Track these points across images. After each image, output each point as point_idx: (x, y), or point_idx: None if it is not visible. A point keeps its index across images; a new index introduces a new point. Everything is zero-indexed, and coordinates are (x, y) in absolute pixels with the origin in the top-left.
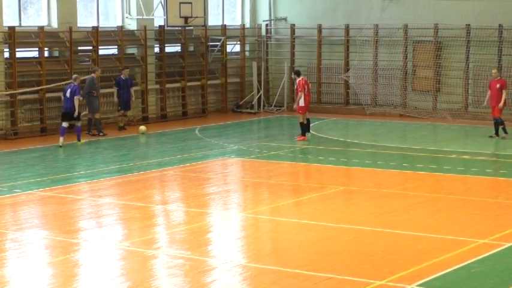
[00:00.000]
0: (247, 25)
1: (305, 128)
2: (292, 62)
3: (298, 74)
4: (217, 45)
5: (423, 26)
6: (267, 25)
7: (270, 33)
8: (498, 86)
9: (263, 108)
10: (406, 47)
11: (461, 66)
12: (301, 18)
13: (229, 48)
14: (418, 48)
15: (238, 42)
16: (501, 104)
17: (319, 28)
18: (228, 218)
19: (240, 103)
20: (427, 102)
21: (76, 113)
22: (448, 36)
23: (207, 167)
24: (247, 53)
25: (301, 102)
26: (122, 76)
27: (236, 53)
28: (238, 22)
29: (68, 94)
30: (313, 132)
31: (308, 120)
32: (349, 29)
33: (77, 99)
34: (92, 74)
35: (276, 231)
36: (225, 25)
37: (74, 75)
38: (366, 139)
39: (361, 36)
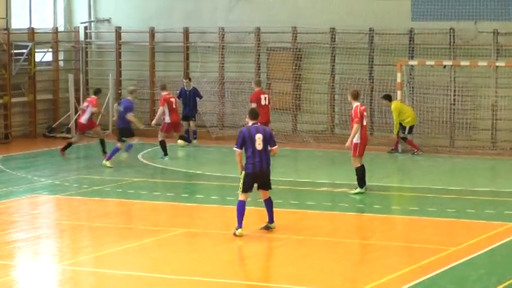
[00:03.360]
0: (61, 28)
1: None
2: (119, 73)
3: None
4: (23, 53)
5: (279, 30)
6: (86, 28)
7: (90, 38)
8: None
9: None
10: (259, 55)
11: (326, 79)
12: (128, 19)
13: (38, 57)
14: (274, 56)
15: (51, 50)
16: None
17: (152, 32)
18: (39, 271)
19: (53, 126)
20: (286, 123)
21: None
22: (309, 41)
23: (11, 207)
24: (61, 63)
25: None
26: None
27: (48, 63)
28: (50, 25)
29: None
30: (145, 162)
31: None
32: (188, 32)
33: (131, 116)
34: None
35: (100, 286)
36: (33, 28)
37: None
38: (212, 169)
39: (204, 42)
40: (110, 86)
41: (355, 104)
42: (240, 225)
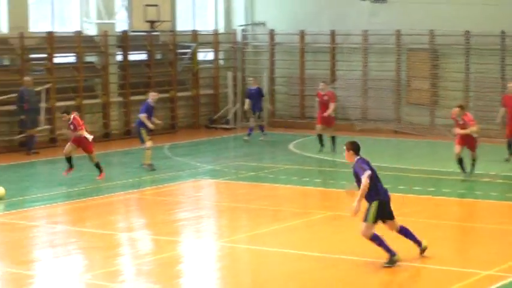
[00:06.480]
0: (221, 30)
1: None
2: (272, 71)
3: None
4: (187, 52)
5: (418, 32)
6: (243, 30)
7: (247, 39)
8: None
9: (240, 124)
10: (399, 56)
11: (461, 77)
12: (281, 22)
13: (201, 56)
14: (412, 56)
15: (211, 50)
16: None
17: (302, 34)
18: (201, 247)
19: (214, 118)
20: (424, 117)
21: None
22: (446, 43)
23: (177, 189)
24: (221, 62)
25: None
26: None
27: (209, 62)
28: (211, 27)
29: None
30: (296, 151)
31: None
32: (335, 35)
33: None
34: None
35: (255, 262)
36: (196, 30)
37: None
38: None
39: (349, 43)
40: (264, 82)
41: (466, 112)
42: (392, 253)
